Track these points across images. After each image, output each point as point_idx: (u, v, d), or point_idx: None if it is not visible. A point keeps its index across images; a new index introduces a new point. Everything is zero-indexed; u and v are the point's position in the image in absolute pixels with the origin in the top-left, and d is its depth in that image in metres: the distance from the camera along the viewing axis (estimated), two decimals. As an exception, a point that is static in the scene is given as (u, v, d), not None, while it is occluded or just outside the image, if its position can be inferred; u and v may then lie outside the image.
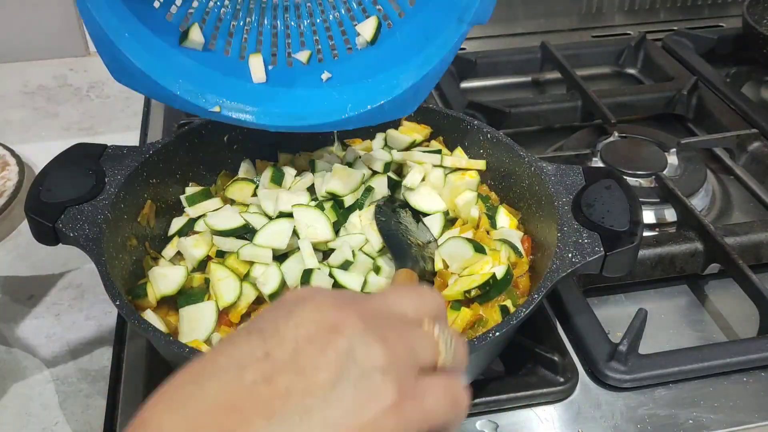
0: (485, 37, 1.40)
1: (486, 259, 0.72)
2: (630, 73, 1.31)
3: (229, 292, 0.70)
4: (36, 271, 0.87)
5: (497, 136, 0.83)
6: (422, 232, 0.78)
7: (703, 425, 0.69)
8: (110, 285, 0.63)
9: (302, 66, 0.79)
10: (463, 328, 0.67)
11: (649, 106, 1.17)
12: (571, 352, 0.75)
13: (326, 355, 0.36)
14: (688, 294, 0.86)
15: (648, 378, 0.72)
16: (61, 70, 1.27)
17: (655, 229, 0.93)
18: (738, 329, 0.81)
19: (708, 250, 0.84)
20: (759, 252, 0.86)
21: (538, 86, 1.28)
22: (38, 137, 1.11)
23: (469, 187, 0.82)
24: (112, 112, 1.17)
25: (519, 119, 1.12)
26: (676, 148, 1.01)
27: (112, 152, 0.78)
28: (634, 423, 0.69)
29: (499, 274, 0.69)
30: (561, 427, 0.69)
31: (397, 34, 0.75)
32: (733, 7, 1.46)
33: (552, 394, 0.71)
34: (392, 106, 0.72)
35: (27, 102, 1.19)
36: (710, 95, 1.16)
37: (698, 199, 0.96)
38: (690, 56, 1.27)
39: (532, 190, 0.78)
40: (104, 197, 0.72)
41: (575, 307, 0.78)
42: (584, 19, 1.43)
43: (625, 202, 0.72)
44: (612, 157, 1.00)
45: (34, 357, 0.76)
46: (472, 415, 0.70)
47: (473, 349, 0.58)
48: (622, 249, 0.67)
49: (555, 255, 0.67)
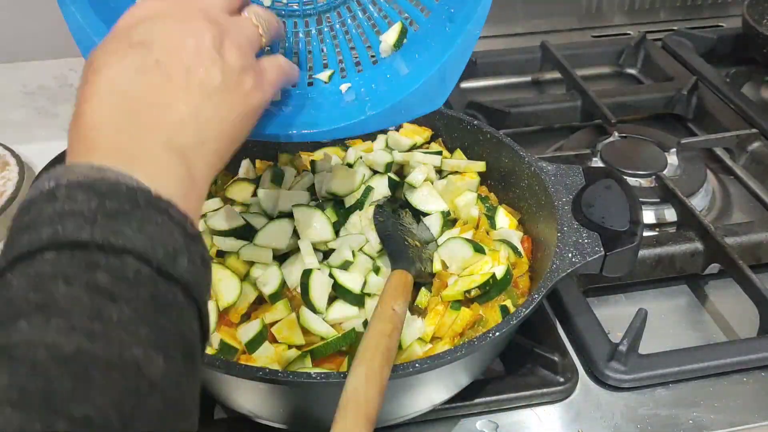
0: (485, 37, 1.40)
1: (485, 259, 0.72)
2: (630, 73, 1.31)
3: (229, 292, 0.70)
4: (36, 271, 0.87)
5: (497, 136, 0.83)
6: (422, 232, 0.78)
7: (703, 425, 0.69)
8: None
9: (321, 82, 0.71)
10: (463, 328, 0.67)
11: (649, 106, 1.17)
12: (571, 352, 0.75)
13: (200, 55, 0.46)
14: (688, 294, 0.86)
15: (648, 378, 0.72)
16: (61, 70, 1.27)
17: (655, 229, 0.93)
18: (738, 329, 0.81)
19: (708, 250, 0.84)
20: (759, 252, 0.86)
21: (538, 86, 1.28)
22: (38, 137, 1.11)
23: (469, 188, 0.82)
24: (112, 112, 1.17)
25: (519, 119, 1.12)
26: (676, 148, 1.01)
27: (112, 152, 0.78)
28: (634, 423, 0.69)
29: (498, 274, 0.69)
30: (561, 427, 0.69)
31: (419, 25, 0.66)
32: (733, 7, 1.46)
33: (552, 394, 0.71)
34: (417, 98, 0.61)
35: (27, 102, 1.19)
36: (710, 95, 1.16)
37: (698, 199, 0.96)
38: (690, 56, 1.27)
39: (532, 190, 0.78)
40: (104, 197, 0.72)
41: (575, 307, 0.78)
42: (584, 19, 1.43)
43: (625, 202, 0.72)
44: (612, 157, 1.00)
45: (34, 357, 0.75)
46: (472, 415, 0.70)
47: (473, 349, 0.58)
48: (622, 249, 0.67)
49: (555, 255, 0.67)
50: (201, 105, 0.45)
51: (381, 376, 0.52)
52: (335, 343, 0.65)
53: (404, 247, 0.72)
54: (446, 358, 0.57)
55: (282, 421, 0.65)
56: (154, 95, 0.44)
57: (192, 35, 0.47)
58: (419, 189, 0.81)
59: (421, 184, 0.81)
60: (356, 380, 0.51)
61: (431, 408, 0.67)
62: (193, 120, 0.45)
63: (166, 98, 0.44)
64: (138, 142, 0.42)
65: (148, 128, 0.43)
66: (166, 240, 0.38)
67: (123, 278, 0.36)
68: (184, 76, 0.45)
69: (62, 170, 0.39)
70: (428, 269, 0.73)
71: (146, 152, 0.42)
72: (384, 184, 0.81)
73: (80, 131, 0.43)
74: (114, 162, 0.40)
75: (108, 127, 0.42)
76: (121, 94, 0.44)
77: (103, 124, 0.43)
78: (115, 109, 0.43)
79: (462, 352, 0.58)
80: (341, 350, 0.65)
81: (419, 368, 0.56)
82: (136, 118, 0.43)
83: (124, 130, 0.42)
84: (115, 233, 0.37)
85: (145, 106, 0.44)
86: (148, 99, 0.44)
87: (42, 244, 0.36)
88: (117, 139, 0.42)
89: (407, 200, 0.80)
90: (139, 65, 0.45)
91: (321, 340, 0.66)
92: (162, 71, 0.45)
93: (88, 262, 0.36)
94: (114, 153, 0.41)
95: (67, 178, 0.38)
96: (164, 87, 0.45)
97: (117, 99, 0.43)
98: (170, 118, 0.44)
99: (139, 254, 0.37)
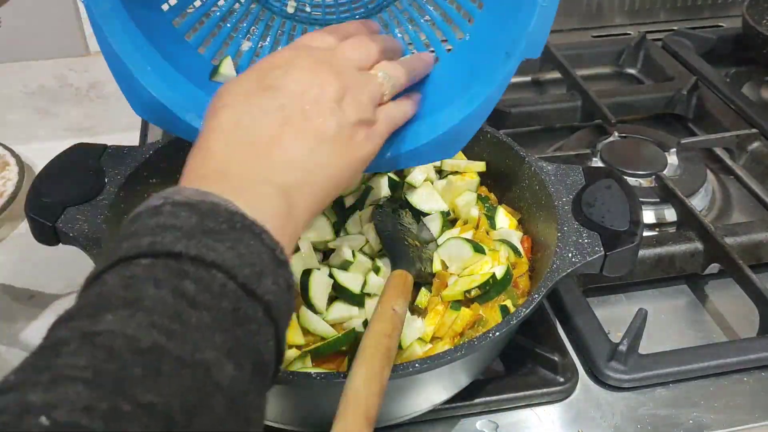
0: (485, 37, 1.40)
1: (485, 259, 0.72)
2: (630, 73, 1.31)
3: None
4: (36, 271, 0.87)
5: (497, 136, 0.83)
6: (422, 232, 0.78)
7: (703, 425, 0.69)
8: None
9: None
10: (463, 328, 0.67)
11: (649, 106, 1.17)
12: (571, 352, 0.75)
13: (320, 105, 0.51)
14: (688, 294, 0.86)
15: (648, 378, 0.72)
16: (61, 70, 1.27)
17: (655, 229, 0.93)
18: (738, 329, 0.80)
19: (708, 250, 0.84)
20: (759, 252, 0.86)
21: (538, 86, 1.28)
22: (38, 137, 1.11)
23: (468, 188, 0.82)
24: (112, 112, 1.17)
25: (519, 119, 1.11)
26: (676, 148, 1.01)
27: (112, 152, 0.78)
28: (634, 423, 0.69)
29: (498, 273, 0.69)
30: (561, 427, 0.69)
31: (441, 72, 0.68)
32: (733, 7, 1.45)
33: (552, 394, 0.71)
34: (431, 148, 0.64)
35: (27, 102, 1.19)
36: (710, 95, 1.16)
37: (698, 199, 0.96)
38: (690, 56, 1.27)
39: (532, 190, 0.78)
40: (104, 197, 0.72)
41: (575, 307, 0.78)
42: (584, 19, 1.43)
43: (625, 202, 0.72)
44: (612, 157, 1.00)
45: (34, 357, 0.76)
46: (472, 415, 0.70)
47: (473, 349, 0.58)
48: (622, 249, 0.67)
49: (555, 255, 0.67)
50: (312, 150, 0.49)
51: (381, 377, 0.52)
52: (335, 343, 0.65)
53: (404, 247, 0.72)
54: (446, 358, 0.57)
55: (282, 421, 0.65)
56: (271, 134, 0.49)
57: (318, 85, 0.51)
58: (419, 189, 0.81)
59: (421, 183, 0.81)
60: (356, 380, 0.51)
61: (431, 408, 0.67)
62: (301, 162, 0.49)
63: (281, 139, 0.49)
64: (246, 174, 0.47)
65: (259, 163, 0.47)
66: (254, 260, 0.41)
67: (208, 289, 0.39)
68: (302, 121, 0.50)
69: (171, 191, 0.43)
70: (428, 269, 0.73)
71: (252, 184, 0.46)
72: (384, 184, 0.81)
73: (197, 159, 0.48)
74: (220, 189, 0.44)
75: (223, 156, 0.47)
76: (242, 129, 0.48)
77: (219, 153, 0.48)
78: (232, 143, 0.48)
79: (462, 352, 0.58)
80: (341, 350, 0.65)
81: (419, 368, 0.56)
82: (250, 153, 0.48)
83: (236, 162, 0.47)
84: (208, 248, 0.40)
85: (261, 143, 0.48)
86: (265, 137, 0.48)
87: (140, 251, 0.39)
88: (228, 169, 0.47)
89: (407, 200, 0.80)
90: (265, 107, 0.49)
91: (321, 340, 0.66)
92: (284, 114, 0.49)
93: (178, 270, 0.39)
94: (222, 180, 0.46)
95: (173, 197, 0.42)
96: (282, 128, 0.49)
97: (237, 134, 0.48)
98: (281, 157, 0.48)
99: (227, 269, 0.39)
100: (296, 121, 0.49)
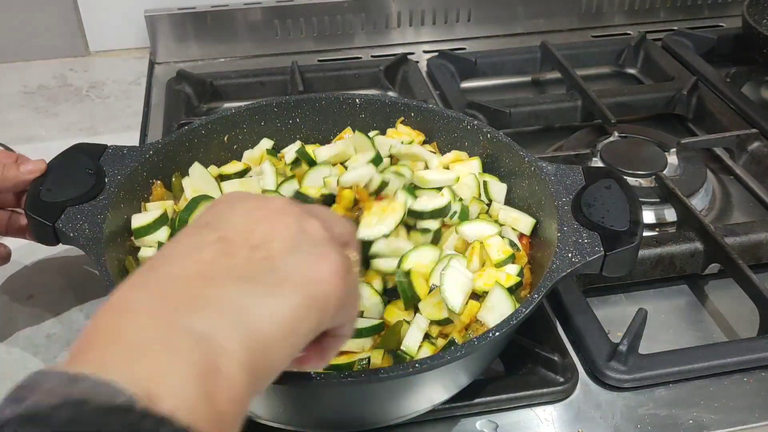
0: (485, 37, 1.40)
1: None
2: (630, 73, 1.31)
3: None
4: (36, 271, 0.87)
5: (497, 136, 0.83)
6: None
7: (703, 425, 0.69)
8: (111, 285, 0.63)
9: None
10: (470, 319, 0.67)
11: (649, 106, 1.17)
12: (571, 352, 0.75)
13: (277, 230, 0.42)
14: (688, 294, 0.86)
15: (648, 378, 0.72)
16: (61, 70, 1.27)
17: (655, 229, 0.93)
18: (738, 329, 0.81)
19: (708, 250, 0.84)
20: (759, 252, 0.87)
21: (538, 86, 1.28)
22: (38, 137, 1.11)
23: (471, 170, 0.82)
24: (112, 112, 1.17)
25: (519, 119, 1.12)
26: (676, 148, 1.01)
27: (112, 152, 0.78)
28: (634, 423, 0.69)
29: (513, 272, 0.71)
30: (561, 427, 0.69)
31: None
32: (733, 7, 1.46)
33: (552, 394, 0.71)
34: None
35: (27, 102, 1.19)
36: (710, 95, 1.16)
37: (698, 199, 0.96)
38: (690, 56, 1.27)
39: (532, 190, 0.78)
40: (104, 197, 0.72)
41: (575, 307, 0.78)
42: (584, 19, 1.43)
43: (625, 202, 0.72)
44: (612, 157, 1.00)
45: (34, 357, 0.76)
46: (472, 415, 0.70)
47: (473, 349, 0.58)
48: (622, 249, 0.67)
49: (555, 255, 0.67)
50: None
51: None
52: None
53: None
54: (446, 358, 0.57)
55: (282, 421, 0.65)
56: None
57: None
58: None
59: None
60: None
61: (431, 408, 0.67)
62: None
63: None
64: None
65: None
66: None
67: None
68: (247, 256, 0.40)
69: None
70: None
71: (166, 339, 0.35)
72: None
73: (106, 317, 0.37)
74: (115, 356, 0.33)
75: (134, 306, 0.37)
76: (165, 274, 0.39)
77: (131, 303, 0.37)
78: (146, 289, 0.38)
79: (462, 352, 0.58)
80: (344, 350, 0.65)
81: (419, 368, 0.56)
82: (165, 297, 0.37)
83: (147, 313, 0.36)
84: None
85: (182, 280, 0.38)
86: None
87: None
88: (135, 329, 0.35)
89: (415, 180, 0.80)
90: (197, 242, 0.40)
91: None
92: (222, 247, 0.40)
93: None
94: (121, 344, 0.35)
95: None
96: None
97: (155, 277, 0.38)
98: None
99: None
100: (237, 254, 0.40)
